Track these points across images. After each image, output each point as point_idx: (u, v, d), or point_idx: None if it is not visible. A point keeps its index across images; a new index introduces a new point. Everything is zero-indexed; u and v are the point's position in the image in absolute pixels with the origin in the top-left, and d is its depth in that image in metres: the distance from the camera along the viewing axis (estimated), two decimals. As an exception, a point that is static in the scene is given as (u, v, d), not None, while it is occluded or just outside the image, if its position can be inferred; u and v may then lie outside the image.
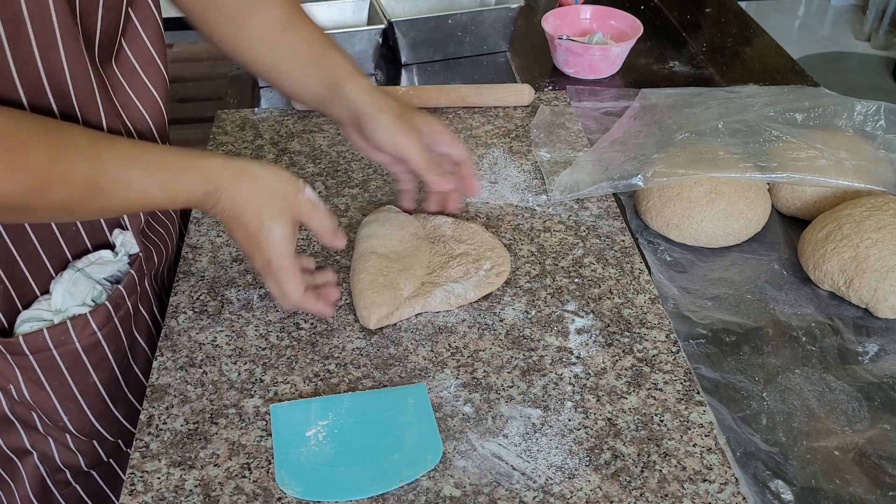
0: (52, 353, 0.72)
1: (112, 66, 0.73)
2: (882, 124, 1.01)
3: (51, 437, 0.80)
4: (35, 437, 0.80)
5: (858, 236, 0.82)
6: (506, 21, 1.27)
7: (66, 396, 0.76)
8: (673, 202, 0.90)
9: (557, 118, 1.11)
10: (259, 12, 0.81)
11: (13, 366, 0.73)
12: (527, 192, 0.97)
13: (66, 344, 0.72)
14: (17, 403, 0.76)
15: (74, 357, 0.74)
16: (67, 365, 0.74)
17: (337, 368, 0.74)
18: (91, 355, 0.75)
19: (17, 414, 0.77)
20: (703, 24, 1.42)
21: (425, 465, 0.66)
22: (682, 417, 0.70)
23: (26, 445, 0.80)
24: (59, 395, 0.76)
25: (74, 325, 0.72)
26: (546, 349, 0.76)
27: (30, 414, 0.77)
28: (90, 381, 0.77)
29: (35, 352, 0.72)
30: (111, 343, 0.76)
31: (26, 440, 0.79)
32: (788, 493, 0.65)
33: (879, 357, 0.78)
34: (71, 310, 0.73)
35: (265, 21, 0.81)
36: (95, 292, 0.74)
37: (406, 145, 0.80)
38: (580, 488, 0.64)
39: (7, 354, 0.72)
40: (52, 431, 0.79)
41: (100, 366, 0.76)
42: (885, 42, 3.47)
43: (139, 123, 0.76)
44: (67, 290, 0.72)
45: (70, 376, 0.75)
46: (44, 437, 0.80)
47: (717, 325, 0.81)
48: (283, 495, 0.64)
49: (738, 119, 1.01)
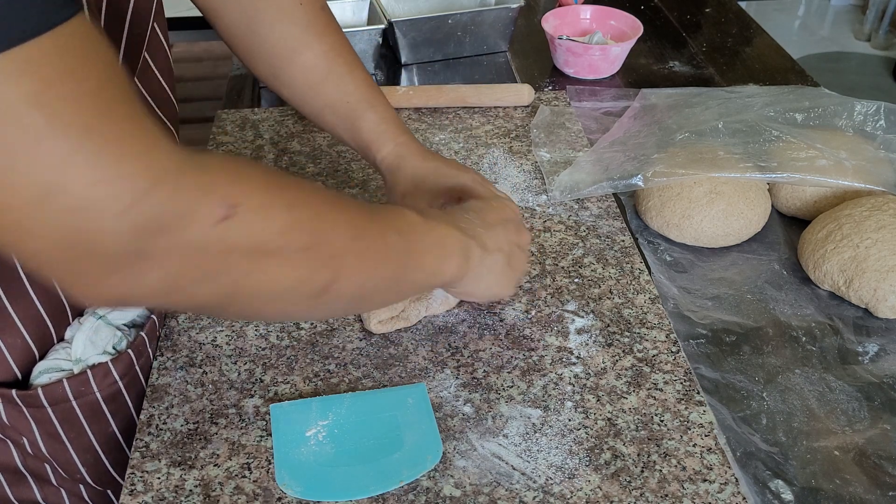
0: (71, 403, 0.68)
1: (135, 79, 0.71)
2: (882, 124, 1.01)
3: (64, 489, 0.77)
4: (47, 490, 0.76)
5: (858, 236, 0.82)
6: (506, 21, 1.27)
7: (83, 448, 0.72)
8: (673, 202, 0.90)
9: (557, 118, 1.11)
10: (297, 59, 0.78)
11: (29, 418, 0.69)
12: (527, 192, 0.97)
13: (87, 394, 0.68)
14: (31, 456, 0.73)
15: (94, 407, 0.70)
16: (86, 415, 0.70)
17: (337, 368, 0.74)
18: (111, 405, 0.71)
19: (30, 467, 0.74)
20: (703, 24, 1.42)
21: (425, 465, 0.66)
22: (682, 417, 0.70)
23: (37, 498, 0.76)
24: (76, 447, 0.72)
25: (95, 374, 0.68)
26: (546, 349, 0.76)
27: (43, 467, 0.74)
28: (109, 430, 0.73)
29: (54, 403, 0.67)
30: (131, 391, 0.72)
31: (38, 494, 0.76)
32: (788, 493, 0.65)
33: (879, 357, 0.78)
34: (91, 359, 0.69)
35: (303, 68, 0.78)
36: (116, 339, 0.71)
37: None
38: (580, 488, 0.64)
39: (23, 407, 0.67)
40: (66, 483, 0.76)
41: (118, 414, 0.72)
42: (885, 42, 3.48)
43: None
44: (89, 338, 0.69)
45: (88, 427, 0.71)
46: (56, 490, 0.76)
47: (717, 325, 0.81)
48: (283, 495, 0.64)
49: (738, 119, 1.01)
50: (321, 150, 1.05)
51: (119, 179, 0.39)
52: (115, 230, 0.39)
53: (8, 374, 0.67)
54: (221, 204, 0.44)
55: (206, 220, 0.43)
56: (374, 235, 0.56)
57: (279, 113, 1.13)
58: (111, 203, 0.39)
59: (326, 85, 0.79)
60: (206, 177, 0.44)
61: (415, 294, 0.68)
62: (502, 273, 0.70)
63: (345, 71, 0.79)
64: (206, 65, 2.18)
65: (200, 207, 0.43)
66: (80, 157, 0.38)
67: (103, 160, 0.38)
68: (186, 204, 0.42)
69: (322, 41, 0.78)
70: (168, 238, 0.42)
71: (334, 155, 1.04)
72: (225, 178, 0.45)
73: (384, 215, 0.59)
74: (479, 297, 0.73)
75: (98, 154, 0.38)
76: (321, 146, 1.05)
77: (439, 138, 1.07)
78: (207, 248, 0.44)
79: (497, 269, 0.69)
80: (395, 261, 0.58)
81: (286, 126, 1.09)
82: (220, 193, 0.44)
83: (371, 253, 0.56)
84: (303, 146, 1.05)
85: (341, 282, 0.53)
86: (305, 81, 0.79)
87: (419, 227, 0.61)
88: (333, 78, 0.78)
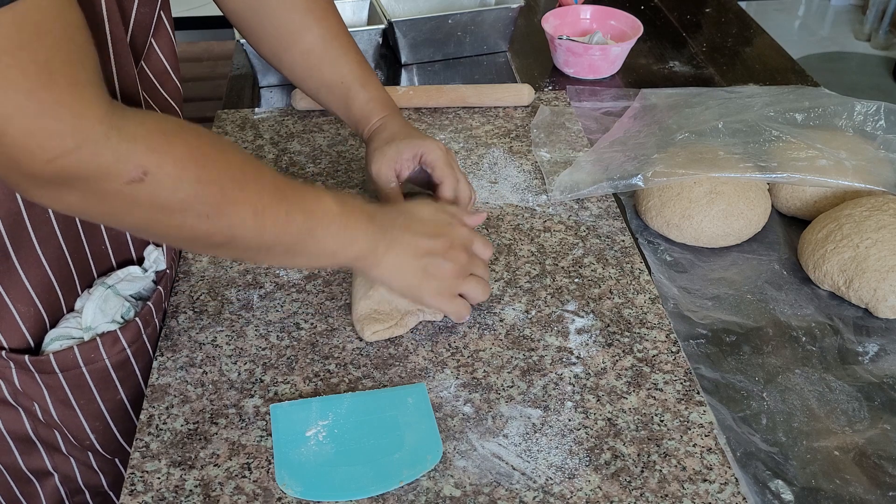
0: (81, 370, 0.71)
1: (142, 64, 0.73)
2: (882, 124, 1.01)
3: (73, 457, 0.79)
4: (57, 459, 0.79)
5: (858, 236, 0.82)
6: (506, 21, 1.27)
7: (93, 415, 0.75)
8: (673, 202, 0.90)
9: (557, 118, 1.11)
10: (297, 43, 0.84)
11: (41, 385, 0.72)
12: (527, 192, 0.97)
13: (96, 361, 0.72)
14: (42, 424, 0.75)
15: (103, 374, 0.73)
16: (96, 382, 0.73)
17: (337, 368, 0.74)
18: (119, 372, 0.74)
19: (41, 435, 0.76)
20: (703, 24, 1.42)
21: (425, 465, 0.66)
22: (682, 417, 0.70)
23: (47, 467, 0.79)
24: (86, 414, 0.75)
25: (104, 341, 0.71)
26: (546, 349, 0.76)
27: (53, 434, 0.76)
28: (118, 398, 0.76)
29: (64, 369, 0.71)
30: (139, 359, 0.75)
31: (48, 462, 0.78)
32: (788, 493, 0.65)
33: (879, 357, 0.78)
34: (101, 327, 0.72)
35: (303, 50, 0.85)
36: (124, 309, 0.74)
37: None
38: (580, 488, 0.64)
39: (35, 373, 0.70)
40: (76, 451, 0.78)
41: (127, 382, 0.76)
42: (885, 42, 3.47)
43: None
44: (98, 307, 0.72)
45: (98, 394, 0.74)
46: (66, 458, 0.79)
47: (717, 325, 0.81)
48: (283, 495, 0.64)
49: (738, 119, 1.00)
50: (321, 150, 1.05)
51: (49, 137, 0.48)
52: (42, 171, 0.50)
53: (21, 342, 0.70)
54: (134, 169, 0.52)
55: (118, 180, 0.52)
56: (277, 214, 0.62)
57: (279, 113, 1.12)
58: (40, 153, 0.49)
59: (323, 67, 0.85)
60: (125, 145, 0.52)
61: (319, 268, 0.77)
62: (416, 277, 0.72)
63: (340, 53, 0.85)
64: (206, 65, 2.18)
65: (115, 170, 0.52)
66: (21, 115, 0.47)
67: (39, 120, 0.48)
68: (104, 166, 0.51)
69: (321, 25, 0.84)
70: (85, 185, 0.52)
71: (334, 155, 1.04)
72: (144, 146, 0.53)
73: (297, 196, 0.65)
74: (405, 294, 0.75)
75: (35, 114, 0.47)
76: (321, 146, 1.05)
77: (439, 138, 1.07)
78: (118, 198, 0.54)
79: (409, 272, 0.72)
80: (295, 237, 0.64)
81: (286, 126, 1.09)
82: (135, 161, 0.52)
83: (269, 228, 0.62)
84: (303, 146, 1.05)
85: (237, 244, 0.62)
86: (305, 63, 0.85)
87: (331, 212, 0.66)
88: (329, 60, 0.85)
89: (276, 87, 1.20)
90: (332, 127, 1.09)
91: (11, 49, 0.45)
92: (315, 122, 1.10)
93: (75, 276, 0.72)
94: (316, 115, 1.12)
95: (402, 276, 0.72)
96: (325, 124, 1.10)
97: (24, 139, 0.48)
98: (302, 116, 1.12)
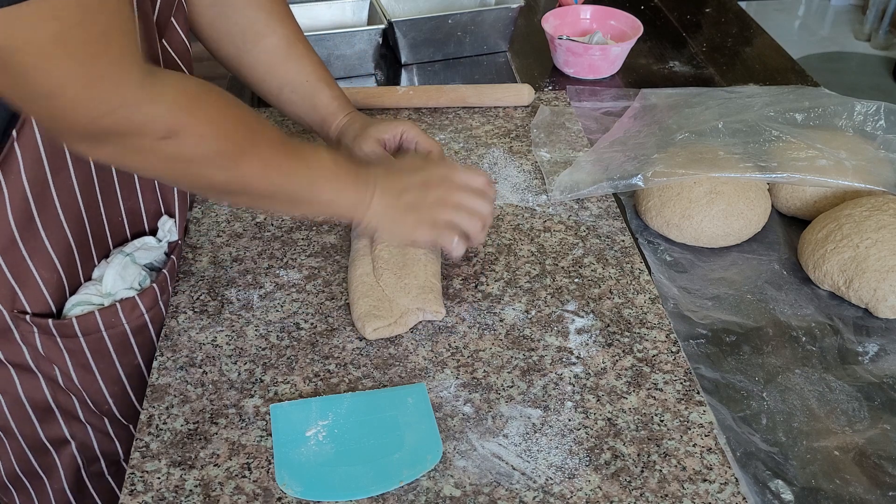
0: (102, 334, 0.75)
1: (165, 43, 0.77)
2: (882, 124, 1.01)
3: (90, 424, 0.82)
4: (75, 427, 0.81)
5: (858, 236, 0.82)
6: (506, 21, 1.27)
7: (112, 379, 0.79)
8: (673, 202, 0.90)
9: (557, 118, 1.11)
10: (261, 41, 0.88)
11: (62, 349, 0.75)
12: (527, 192, 0.97)
13: (116, 326, 0.76)
14: (61, 390, 0.78)
15: (122, 339, 0.77)
16: (115, 346, 0.77)
17: (337, 368, 0.74)
18: (138, 337, 0.78)
19: (60, 402, 0.79)
20: (703, 24, 1.42)
21: (425, 465, 0.66)
22: (682, 417, 0.70)
23: (65, 435, 0.81)
24: (105, 379, 0.79)
25: (123, 307, 0.75)
26: (546, 349, 0.76)
27: (72, 401, 0.79)
28: (135, 362, 0.80)
29: (86, 333, 0.74)
30: (155, 325, 0.79)
31: (65, 430, 0.81)
32: (788, 493, 0.65)
33: (879, 357, 0.78)
34: (120, 293, 0.76)
35: (267, 49, 0.88)
36: (141, 277, 0.78)
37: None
38: (580, 488, 0.64)
39: (58, 337, 0.74)
40: (93, 418, 0.81)
41: (144, 347, 0.79)
42: (885, 42, 3.47)
43: None
44: (119, 274, 0.76)
45: (118, 358, 0.78)
46: (83, 425, 0.82)
47: (717, 325, 0.81)
48: (283, 495, 0.64)
49: (738, 119, 1.00)
50: (321, 150, 1.05)
51: (96, 98, 0.55)
52: (86, 126, 0.57)
53: (44, 307, 0.73)
54: (165, 128, 0.60)
55: (151, 136, 0.60)
56: (285, 169, 0.71)
57: (279, 113, 1.12)
58: (87, 111, 0.56)
59: (288, 65, 0.89)
60: (157, 107, 0.59)
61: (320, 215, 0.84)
62: (399, 214, 0.77)
63: (304, 53, 0.90)
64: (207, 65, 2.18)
65: (148, 128, 0.59)
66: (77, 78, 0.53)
67: (91, 83, 0.54)
68: (139, 124, 0.58)
69: (284, 26, 0.89)
70: (122, 140, 0.59)
71: (334, 155, 1.04)
72: (174, 108, 0.60)
73: (298, 152, 0.73)
74: (393, 236, 0.80)
75: (89, 78, 0.54)
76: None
77: (439, 138, 1.07)
78: (150, 152, 0.61)
79: (393, 212, 0.77)
80: (298, 186, 0.73)
81: (286, 126, 1.09)
82: (166, 121, 0.60)
83: (276, 179, 0.71)
84: (303, 146, 1.05)
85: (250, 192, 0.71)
86: (269, 61, 0.89)
87: (325, 164, 0.74)
88: (294, 59, 0.89)
89: (276, 87, 1.20)
90: (332, 127, 1.09)
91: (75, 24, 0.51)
92: (315, 122, 1.10)
93: (92, 245, 0.76)
94: (316, 115, 1.12)
95: (388, 218, 0.77)
96: (325, 124, 1.10)
97: (73, 102, 0.54)
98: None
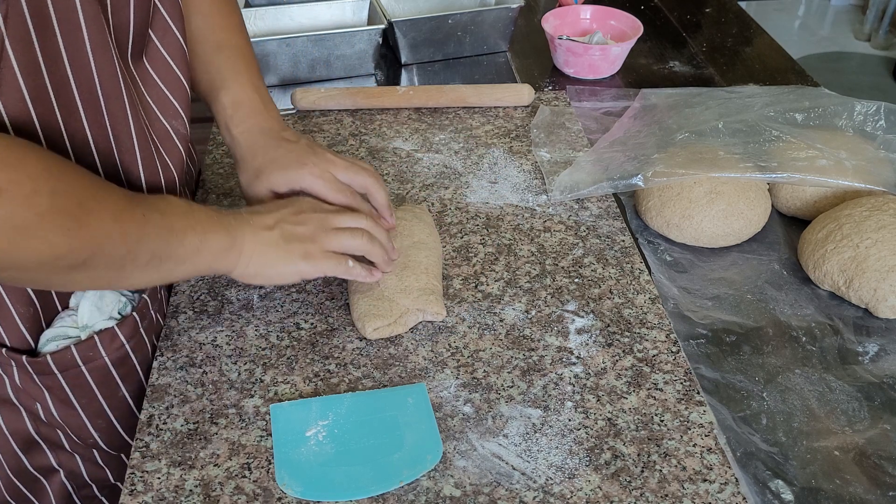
0: (80, 369, 0.71)
1: (143, 61, 0.72)
2: (882, 124, 1.01)
3: (78, 454, 0.78)
4: (62, 456, 0.78)
5: (858, 236, 0.82)
6: (506, 21, 1.27)
7: (95, 413, 0.75)
8: (673, 202, 0.90)
9: (557, 118, 1.11)
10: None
11: (40, 386, 0.71)
12: (527, 192, 0.97)
13: (95, 359, 0.71)
14: (44, 423, 0.75)
15: (103, 372, 0.72)
16: (96, 381, 0.72)
17: (337, 368, 0.74)
18: (120, 369, 0.73)
19: (44, 434, 0.76)
20: (703, 24, 1.42)
21: (425, 465, 0.66)
22: (682, 417, 0.70)
23: (52, 464, 0.78)
24: (88, 413, 0.74)
25: (102, 339, 0.71)
26: (546, 349, 0.76)
27: (56, 433, 0.76)
28: (119, 394, 0.75)
29: (63, 370, 0.70)
30: (138, 354, 0.74)
31: (53, 460, 0.78)
32: (788, 493, 0.65)
33: (879, 357, 0.78)
34: (98, 324, 0.71)
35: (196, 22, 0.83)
36: (121, 304, 0.73)
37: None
38: (580, 488, 0.64)
39: (34, 374, 0.70)
40: (80, 449, 0.78)
41: (128, 378, 0.75)
42: (885, 42, 3.48)
43: (173, 119, 0.75)
44: (94, 304, 0.71)
45: (99, 392, 0.73)
46: (70, 455, 0.78)
47: (717, 325, 0.81)
48: (283, 495, 0.64)
49: (738, 119, 1.01)
50: (321, 150, 1.05)
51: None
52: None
53: (21, 341, 0.69)
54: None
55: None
56: (136, 216, 0.62)
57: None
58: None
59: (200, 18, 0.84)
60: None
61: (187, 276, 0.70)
62: (279, 249, 0.72)
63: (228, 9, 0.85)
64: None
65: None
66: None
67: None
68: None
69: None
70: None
71: (334, 155, 1.04)
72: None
73: (148, 200, 0.65)
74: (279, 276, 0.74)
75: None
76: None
77: (439, 138, 1.07)
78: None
79: (272, 248, 0.72)
80: (157, 237, 0.63)
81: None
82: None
83: (132, 231, 0.61)
84: (303, 146, 1.05)
85: (103, 256, 0.60)
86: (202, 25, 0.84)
87: (180, 209, 0.67)
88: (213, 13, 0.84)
89: (275, 87, 1.20)
90: (332, 127, 1.09)
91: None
92: (315, 122, 1.10)
93: None
94: (316, 115, 1.12)
95: (269, 256, 0.71)
96: (325, 124, 1.10)
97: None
98: (302, 116, 1.12)
